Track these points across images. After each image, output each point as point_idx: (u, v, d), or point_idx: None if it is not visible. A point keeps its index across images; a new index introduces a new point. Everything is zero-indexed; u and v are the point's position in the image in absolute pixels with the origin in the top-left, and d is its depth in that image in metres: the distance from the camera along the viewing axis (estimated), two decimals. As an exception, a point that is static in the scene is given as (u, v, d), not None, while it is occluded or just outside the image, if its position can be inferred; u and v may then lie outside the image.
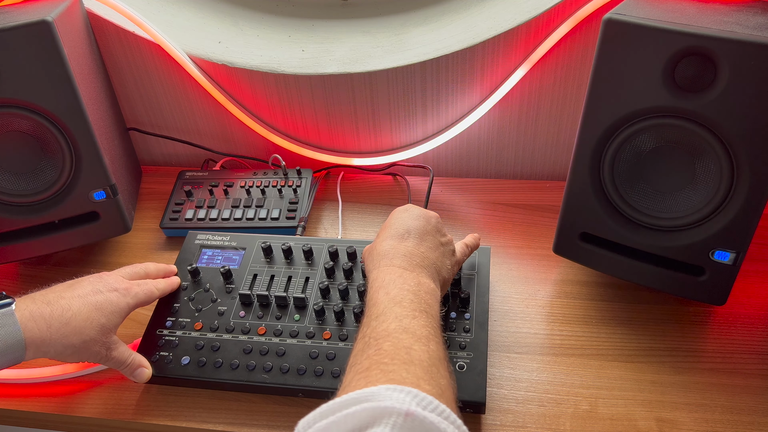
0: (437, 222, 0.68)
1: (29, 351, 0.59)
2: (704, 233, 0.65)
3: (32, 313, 0.59)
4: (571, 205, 0.72)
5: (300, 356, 0.68)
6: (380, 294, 0.57)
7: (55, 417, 0.69)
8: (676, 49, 0.58)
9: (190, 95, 0.97)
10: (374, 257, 0.63)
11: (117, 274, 0.69)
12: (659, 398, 0.66)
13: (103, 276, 0.67)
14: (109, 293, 0.65)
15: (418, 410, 0.40)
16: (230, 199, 0.93)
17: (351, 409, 0.40)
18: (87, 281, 0.66)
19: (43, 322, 0.59)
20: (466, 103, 0.92)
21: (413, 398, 0.41)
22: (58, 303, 0.61)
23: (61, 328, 0.60)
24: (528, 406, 0.66)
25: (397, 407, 0.39)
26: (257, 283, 0.76)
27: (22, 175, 0.78)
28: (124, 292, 0.66)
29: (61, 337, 0.60)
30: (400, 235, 0.64)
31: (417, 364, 0.47)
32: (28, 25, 0.70)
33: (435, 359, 0.49)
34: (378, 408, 0.40)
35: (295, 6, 0.98)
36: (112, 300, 0.64)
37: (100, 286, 0.65)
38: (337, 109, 0.95)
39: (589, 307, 0.77)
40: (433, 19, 0.92)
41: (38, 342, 0.59)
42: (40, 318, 0.60)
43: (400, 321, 0.52)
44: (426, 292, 0.57)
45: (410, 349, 0.49)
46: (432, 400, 0.41)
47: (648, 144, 0.65)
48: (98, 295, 0.64)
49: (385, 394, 0.41)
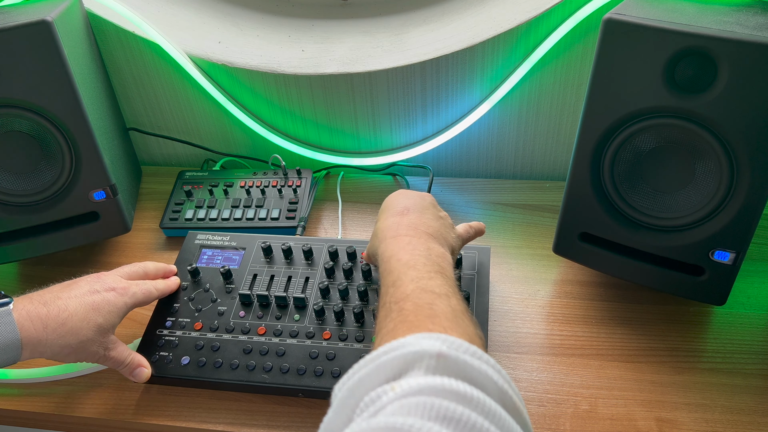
0: (432, 199, 0.70)
1: (25, 351, 0.59)
2: (704, 233, 0.65)
3: (29, 313, 0.59)
4: (571, 205, 0.72)
5: (300, 356, 0.68)
6: (392, 262, 0.57)
7: (55, 417, 0.69)
8: (676, 49, 0.58)
9: (190, 95, 0.97)
10: (379, 235, 0.64)
11: (115, 274, 0.69)
12: (659, 398, 0.66)
13: (101, 276, 0.67)
14: (106, 293, 0.65)
15: (451, 351, 0.39)
16: (230, 199, 0.93)
17: (382, 358, 0.40)
18: (84, 281, 0.66)
19: (39, 323, 0.59)
20: (466, 103, 0.92)
21: (443, 342, 0.41)
22: (54, 303, 0.61)
23: (57, 329, 0.60)
24: (528, 406, 0.66)
25: (428, 350, 0.39)
26: (257, 283, 0.76)
27: (22, 175, 0.78)
28: (122, 291, 0.66)
29: (57, 337, 0.60)
30: (399, 212, 0.65)
31: (441, 316, 0.47)
32: (28, 25, 0.70)
33: (459, 312, 0.49)
34: (409, 353, 0.39)
35: (295, 6, 0.98)
36: (109, 299, 0.64)
37: (98, 285, 0.65)
38: (337, 109, 0.95)
39: (589, 307, 0.77)
40: (433, 19, 0.92)
41: (34, 342, 0.59)
42: (37, 318, 0.59)
43: (417, 282, 0.52)
44: (437, 255, 0.58)
45: (432, 305, 0.49)
46: (462, 343, 0.41)
47: (648, 144, 0.65)
48: (95, 294, 0.64)
49: (414, 342, 0.41)
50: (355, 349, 0.68)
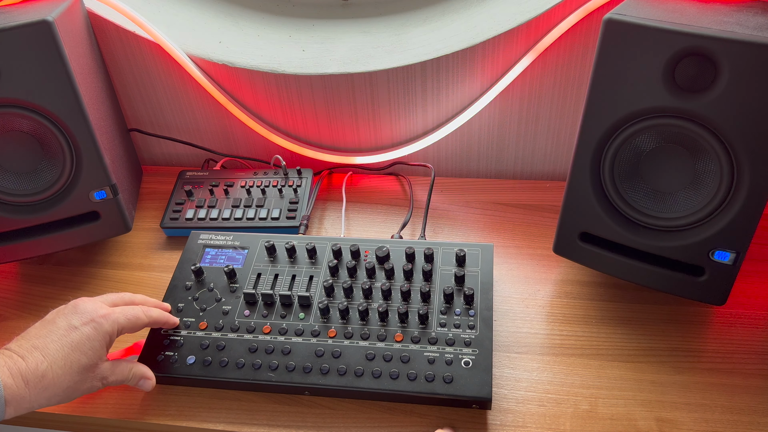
0: None
1: (9, 409, 0.55)
2: (704, 233, 0.65)
3: (10, 369, 0.55)
4: (571, 205, 0.72)
5: (305, 354, 0.68)
6: None
7: (56, 417, 0.69)
8: (676, 49, 0.59)
9: (191, 95, 0.97)
10: None
11: (98, 300, 0.65)
12: (659, 398, 0.66)
13: (78, 305, 0.63)
14: (84, 327, 0.60)
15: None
16: (230, 198, 0.93)
17: None
18: (61, 315, 0.61)
19: (20, 379, 0.55)
20: (467, 103, 0.92)
21: None
22: (32, 355, 0.57)
23: (38, 383, 0.56)
24: (528, 406, 0.66)
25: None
26: (261, 282, 0.76)
27: (22, 175, 0.78)
28: (101, 320, 0.62)
29: (40, 390, 0.57)
30: None
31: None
32: (29, 25, 0.70)
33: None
34: None
35: (295, 6, 0.98)
36: (89, 335, 0.60)
37: (75, 320, 0.61)
38: (338, 108, 0.95)
39: (589, 307, 0.77)
40: (434, 19, 0.92)
41: (18, 399, 0.55)
42: (18, 374, 0.55)
43: None
44: None
45: None
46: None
47: (648, 144, 0.66)
48: (73, 332, 0.60)
49: None
50: (361, 347, 0.68)
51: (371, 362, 0.67)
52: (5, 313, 0.81)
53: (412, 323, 0.70)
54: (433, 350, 0.67)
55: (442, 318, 0.70)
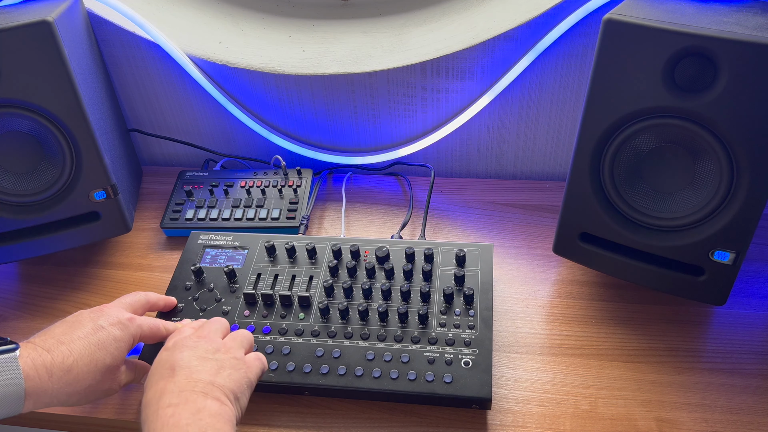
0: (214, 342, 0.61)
1: (28, 402, 0.55)
2: (704, 233, 0.65)
3: (34, 361, 0.55)
4: (571, 205, 0.72)
5: (305, 355, 0.68)
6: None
7: (57, 417, 0.69)
8: (676, 49, 0.59)
9: (191, 95, 0.98)
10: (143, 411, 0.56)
11: (117, 305, 0.65)
12: (659, 398, 0.66)
13: (103, 309, 0.63)
14: (112, 327, 0.61)
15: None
16: (230, 199, 0.93)
17: None
18: (87, 318, 0.62)
19: (44, 371, 0.55)
20: (466, 103, 0.92)
21: None
22: (58, 349, 0.57)
23: (63, 377, 0.56)
24: (528, 406, 0.66)
25: None
26: (261, 283, 0.76)
27: (22, 175, 0.78)
28: (128, 323, 0.62)
29: (63, 385, 0.57)
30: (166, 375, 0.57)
31: None
32: (29, 25, 0.70)
33: None
34: None
35: (295, 6, 0.98)
36: (116, 336, 0.61)
37: (102, 321, 0.61)
38: (338, 109, 0.95)
39: (589, 307, 0.77)
40: (434, 19, 0.92)
41: (39, 392, 0.55)
42: (42, 367, 0.56)
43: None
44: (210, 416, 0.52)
45: None
46: None
47: (648, 144, 0.66)
48: (100, 332, 0.60)
49: None
50: (360, 347, 0.68)
51: (371, 362, 0.67)
52: (5, 313, 0.81)
53: (411, 323, 0.70)
54: (432, 350, 0.67)
55: (441, 318, 0.70)
